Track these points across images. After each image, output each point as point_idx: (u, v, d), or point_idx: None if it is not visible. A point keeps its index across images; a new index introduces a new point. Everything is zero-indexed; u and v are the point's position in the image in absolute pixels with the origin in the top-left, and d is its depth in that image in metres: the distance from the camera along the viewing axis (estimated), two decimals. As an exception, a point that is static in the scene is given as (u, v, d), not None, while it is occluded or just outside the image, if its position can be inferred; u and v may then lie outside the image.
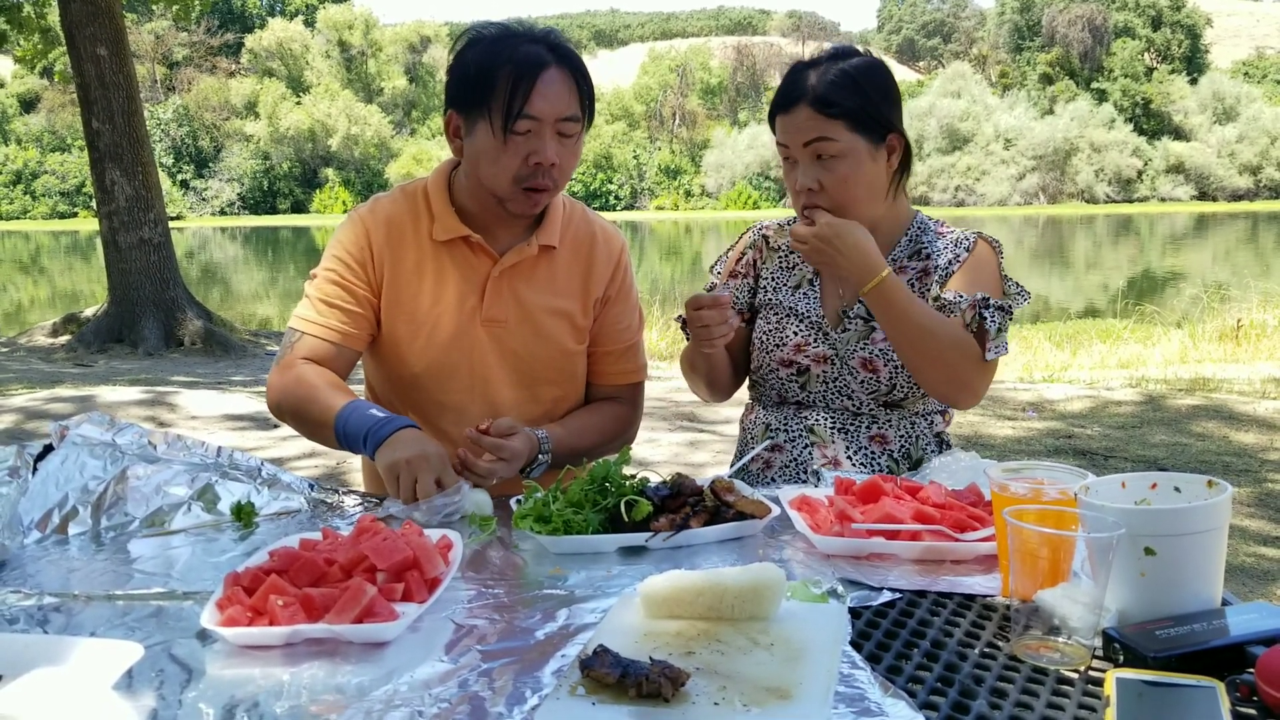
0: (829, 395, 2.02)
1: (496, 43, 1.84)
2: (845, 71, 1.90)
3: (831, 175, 1.89)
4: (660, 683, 1.00)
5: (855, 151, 1.89)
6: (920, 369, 1.90)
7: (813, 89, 1.89)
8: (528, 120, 1.80)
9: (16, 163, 68.18)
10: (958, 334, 1.88)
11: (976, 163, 65.95)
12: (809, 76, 1.91)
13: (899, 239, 2.04)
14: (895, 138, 1.93)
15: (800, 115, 1.89)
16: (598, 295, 2.05)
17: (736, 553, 1.51)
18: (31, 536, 1.58)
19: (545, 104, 1.80)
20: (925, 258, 2.01)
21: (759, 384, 2.12)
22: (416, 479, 1.65)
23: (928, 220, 2.07)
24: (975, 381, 1.91)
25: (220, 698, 1.06)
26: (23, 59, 14.39)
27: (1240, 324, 10.36)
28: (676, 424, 6.23)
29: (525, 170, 1.84)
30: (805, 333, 2.03)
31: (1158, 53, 78.53)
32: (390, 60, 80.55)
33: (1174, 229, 41.30)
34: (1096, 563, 1.15)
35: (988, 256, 1.99)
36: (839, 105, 1.87)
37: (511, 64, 1.80)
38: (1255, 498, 4.67)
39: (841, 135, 1.88)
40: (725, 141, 73.54)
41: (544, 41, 1.85)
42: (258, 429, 6.26)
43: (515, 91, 1.79)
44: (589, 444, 2.00)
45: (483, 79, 1.81)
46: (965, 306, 1.89)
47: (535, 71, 1.80)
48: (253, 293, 23.63)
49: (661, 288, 16.19)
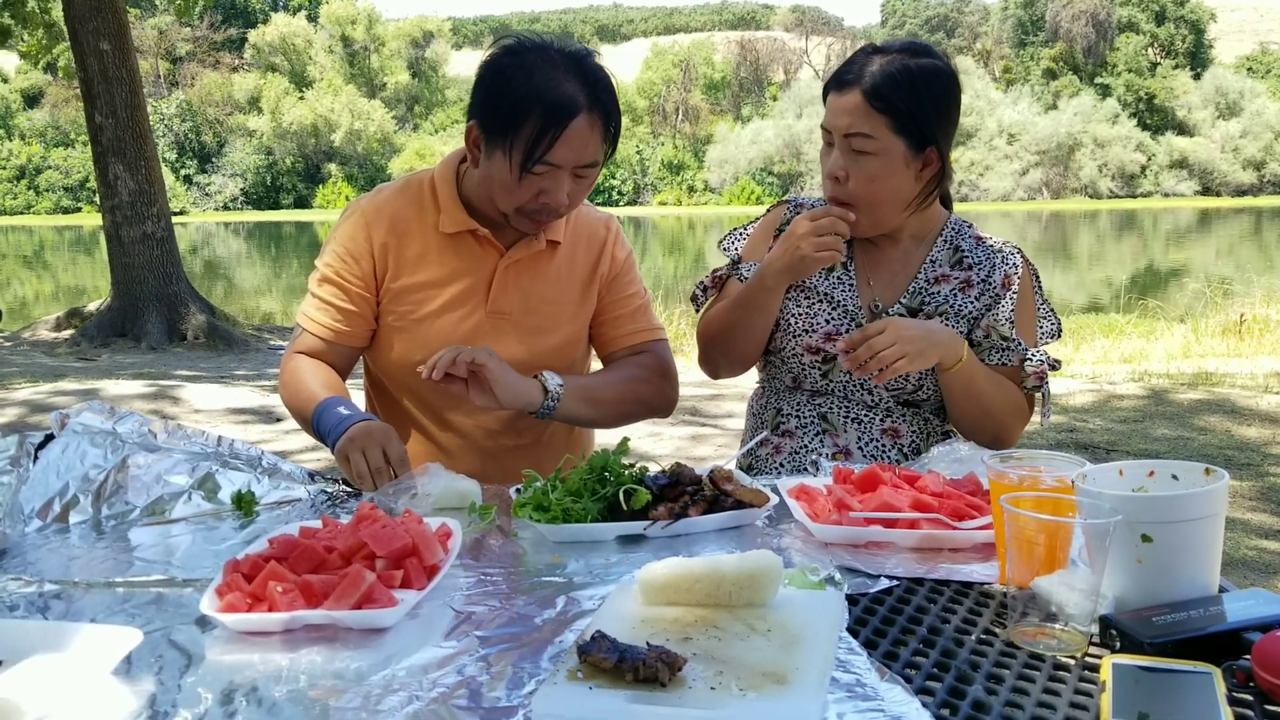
0: (849, 387, 2.00)
1: (532, 71, 1.76)
2: (909, 69, 1.83)
3: (861, 171, 1.85)
4: (657, 667, 1.00)
5: (891, 154, 1.84)
6: (971, 426, 1.95)
7: (871, 76, 1.83)
8: (547, 166, 1.78)
9: (20, 158, 68.25)
10: (1017, 401, 1.95)
11: (980, 158, 65.84)
12: (872, 62, 1.85)
13: (934, 240, 2.01)
14: (934, 152, 1.87)
15: (850, 100, 1.84)
16: (602, 273, 2.06)
17: (735, 541, 1.51)
18: (32, 525, 1.59)
19: (569, 153, 1.77)
20: (967, 268, 1.98)
21: (775, 366, 2.07)
22: (365, 454, 1.69)
23: (962, 223, 2.04)
24: (1018, 432, 1.98)
25: (219, 682, 1.07)
26: (27, 54, 14.44)
27: (1243, 319, 10.34)
28: (679, 418, 6.23)
29: (534, 205, 1.83)
30: (838, 320, 1.98)
31: (1161, 48, 78.33)
32: (393, 55, 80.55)
33: (1177, 224, 41.22)
34: (1093, 549, 1.15)
35: (1029, 282, 2.02)
36: (889, 102, 1.81)
37: (543, 106, 1.74)
38: (1258, 491, 4.66)
39: (882, 134, 1.83)
40: (728, 137, 73.44)
41: (581, 75, 1.78)
42: (261, 422, 6.27)
43: (540, 138, 1.74)
44: (614, 394, 2.00)
45: (512, 113, 1.76)
46: (1030, 372, 1.94)
47: (565, 120, 1.74)
48: (256, 287, 23.63)
49: (664, 283, 16.16)
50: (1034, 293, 2.03)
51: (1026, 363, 1.94)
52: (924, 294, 1.98)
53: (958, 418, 1.96)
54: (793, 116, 68.58)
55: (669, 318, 10.68)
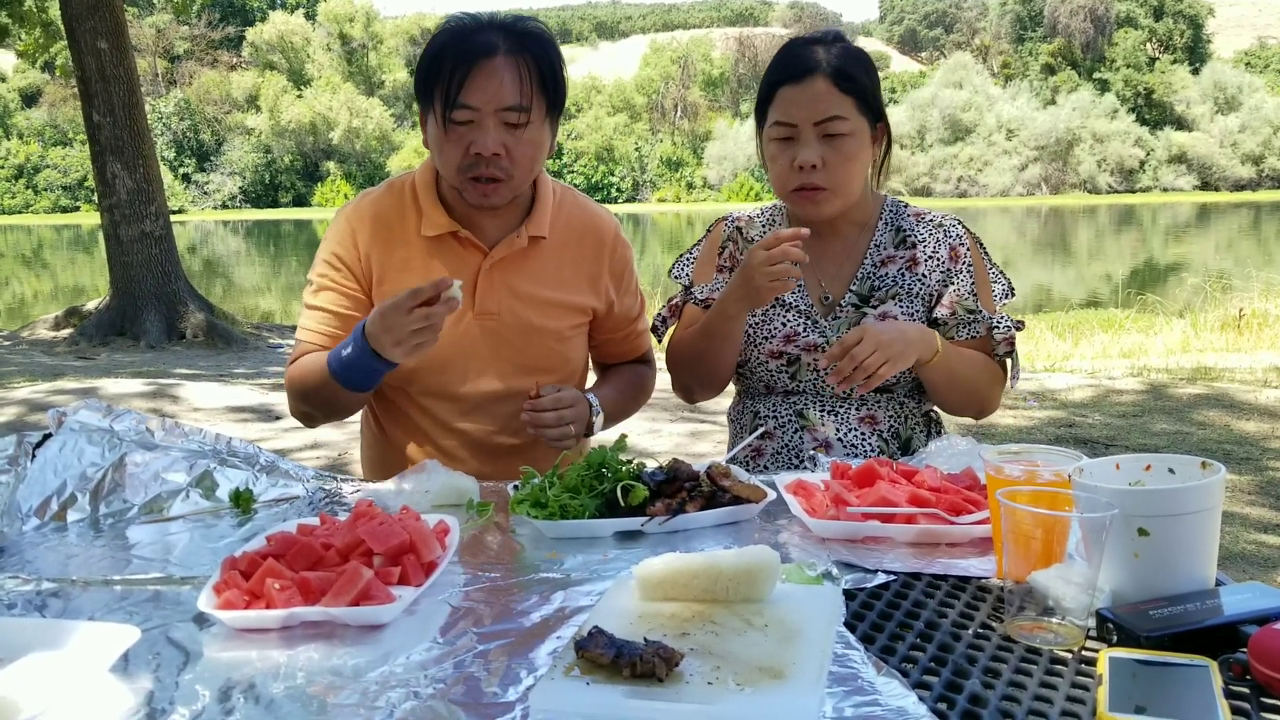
0: (820, 383, 2.02)
1: (452, 33, 1.84)
2: (853, 50, 1.92)
3: (837, 154, 1.89)
4: (654, 663, 1.00)
5: (860, 133, 1.90)
6: (955, 406, 2.01)
7: (828, 61, 1.88)
8: (465, 110, 1.79)
9: (19, 157, 68.19)
10: (993, 371, 2.00)
11: (979, 153, 65.85)
12: (817, 51, 1.90)
13: (875, 223, 2.05)
14: (883, 127, 1.97)
15: (816, 87, 1.87)
16: (605, 284, 2.07)
17: (732, 537, 1.51)
18: (30, 523, 1.59)
19: (482, 94, 1.78)
20: (911, 245, 2.02)
21: (746, 376, 2.11)
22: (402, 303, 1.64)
23: (898, 202, 2.09)
24: (998, 399, 2.04)
25: (217, 679, 1.07)
26: (24, 53, 14.43)
27: (1242, 313, 10.34)
28: (678, 414, 6.23)
29: (467, 160, 1.83)
30: (795, 322, 2.02)
31: (1160, 43, 78.30)
32: (391, 53, 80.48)
33: (1176, 219, 41.21)
34: (1090, 543, 1.15)
35: (977, 251, 2.06)
36: (855, 81, 1.88)
37: (454, 53, 1.79)
38: (1257, 486, 4.67)
39: (851, 114, 1.88)
40: (727, 133, 73.34)
41: (503, 29, 1.83)
42: (260, 420, 6.27)
43: (452, 80, 1.78)
44: (626, 401, 2.13)
45: (430, 68, 1.82)
46: (1000, 339, 1.98)
47: (474, 59, 1.78)
48: (255, 286, 23.63)
49: (662, 280, 16.15)
50: (982, 259, 2.07)
51: (995, 330, 2.00)
52: (873, 279, 2.01)
53: (941, 401, 2.03)
54: (791, 113, 68.42)
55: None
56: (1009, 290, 2.09)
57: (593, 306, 2.06)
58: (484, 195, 1.87)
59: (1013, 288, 2.11)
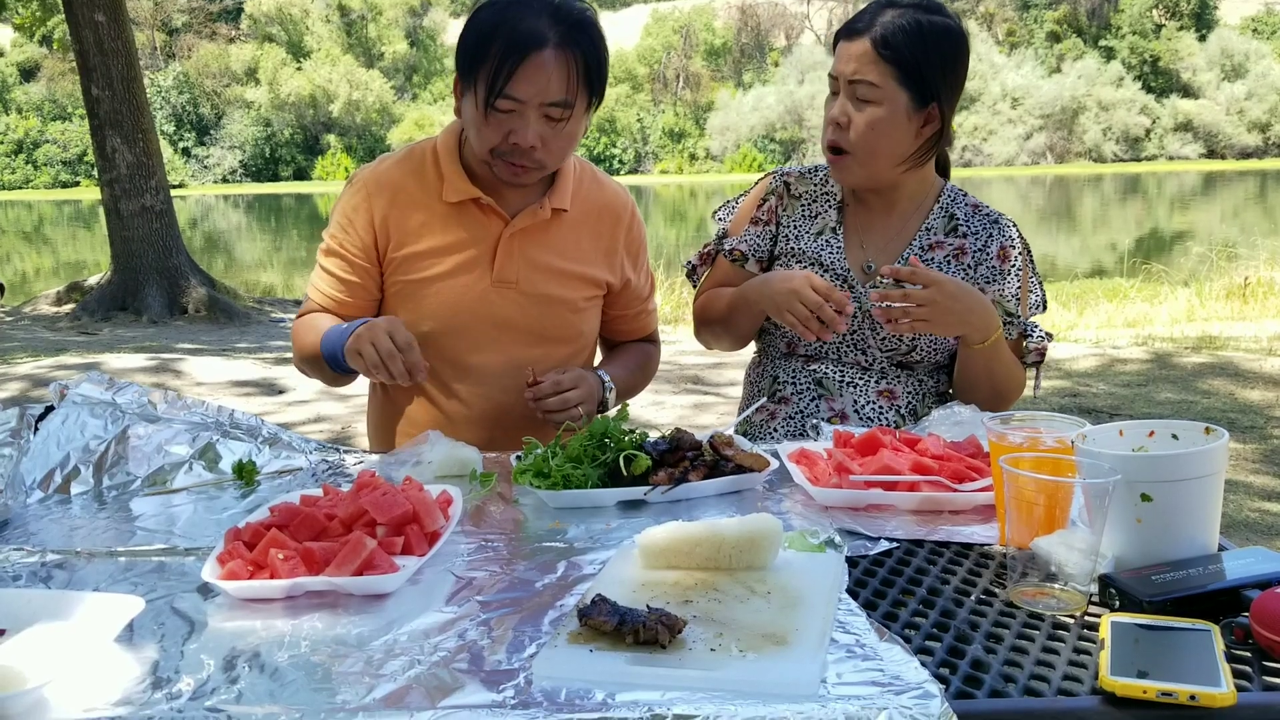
0: (843, 349, 2.01)
1: (502, 11, 1.78)
2: (919, 23, 1.85)
3: (861, 116, 1.88)
4: (657, 630, 1.00)
5: (894, 105, 1.86)
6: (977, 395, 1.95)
7: (881, 26, 1.85)
8: (509, 100, 1.77)
9: (18, 132, 67.90)
10: (1020, 378, 2.00)
11: (983, 122, 65.36)
12: (885, 13, 1.87)
13: (930, 206, 2.03)
14: (936, 109, 1.89)
15: (858, 47, 1.86)
16: (621, 260, 2.07)
17: (735, 506, 1.51)
18: (34, 496, 1.59)
19: (530, 88, 1.76)
20: (961, 235, 2.00)
21: (770, 332, 2.09)
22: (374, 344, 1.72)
23: (958, 190, 2.05)
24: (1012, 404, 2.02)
25: (221, 649, 1.07)
26: (21, 26, 14.34)
27: (1248, 282, 10.30)
28: (682, 387, 6.23)
29: (505, 146, 1.82)
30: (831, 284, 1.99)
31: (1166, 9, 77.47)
32: (391, 24, 79.85)
33: (1182, 187, 40.98)
34: (1093, 509, 1.15)
35: (1025, 257, 2.04)
36: (897, 51, 1.84)
37: (504, 39, 1.75)
38: (1261, 454, 4.67)
39: (887, 84, 1.85)
40: (730, 104, 72.85)
41: (553, 14, 1.78)
42: (263, 394, 6.28)
43: (500, 70, 1.75)
44: (635, 379, 2.14)
45: (478, 48, 1.78)
46: (1033, 348, 1.99)
47: (525, 52, 1.74)
48: (256, 260, 23.60)
49: (666, 252, 16.11)
50: (1028, 266, 2.05)
51: (1028, 339, 1.99)
52: (918, 260, 1.99)
53: (966, 387, 1.98)
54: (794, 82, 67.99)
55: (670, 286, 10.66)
56: (1042, 302, 2.09)
57: (608, 281, 2.06)
58: (514, 174, 1.88)
59: (1046, 301, 2.10)
